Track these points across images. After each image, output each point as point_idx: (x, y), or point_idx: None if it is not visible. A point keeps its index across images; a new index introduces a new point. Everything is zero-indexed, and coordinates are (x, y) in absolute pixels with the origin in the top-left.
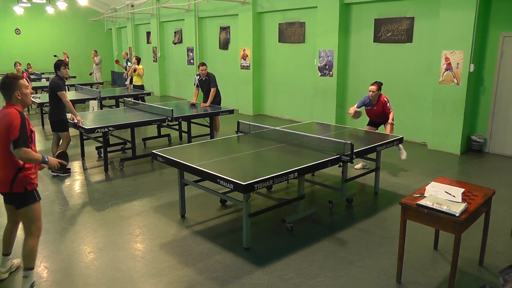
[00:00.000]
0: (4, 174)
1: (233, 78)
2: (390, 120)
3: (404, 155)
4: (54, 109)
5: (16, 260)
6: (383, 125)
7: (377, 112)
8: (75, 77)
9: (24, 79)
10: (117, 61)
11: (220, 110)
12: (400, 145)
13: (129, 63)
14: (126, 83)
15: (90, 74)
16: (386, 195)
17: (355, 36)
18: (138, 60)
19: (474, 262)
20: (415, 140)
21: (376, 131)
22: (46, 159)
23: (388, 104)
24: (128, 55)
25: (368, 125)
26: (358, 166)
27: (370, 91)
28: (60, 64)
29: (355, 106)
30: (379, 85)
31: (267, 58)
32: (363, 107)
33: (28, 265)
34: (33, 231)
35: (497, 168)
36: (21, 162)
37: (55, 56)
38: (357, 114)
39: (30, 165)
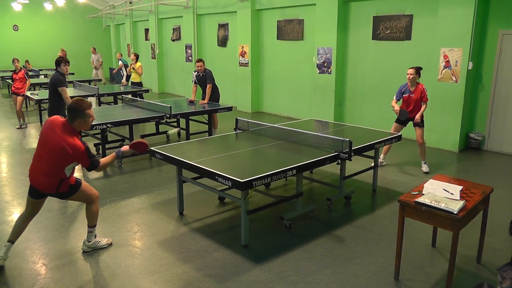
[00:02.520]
0: (50, 180)
1: (232, 75)
2: (417, 116)
3: (425, 168)
4: (54, 106)
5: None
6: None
7: (415, 99)
8: (73, 73)
9: (91, 109)
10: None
11: (219, 107)
12: (425, 164)
13: (120, 61)
14: (122, 80)
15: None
16: (385, 192)
17: (354, 33)
18: (137, 57)
19: (472, 259)
20: (414, 138)
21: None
22: (120, 154)
23: (426, 92)
24: (122, 54)
25: (396, 122)
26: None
27: (408, 74)
28: (61, 61)
29: (394, 99)
30: (417, 69)
31: (266, 55)
32: (401, 97)
33: (92, 224)
34: (92, 200)
35: (495, 165)
36: (67, 176)
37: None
38: (403, 114)
39: (72, 173)
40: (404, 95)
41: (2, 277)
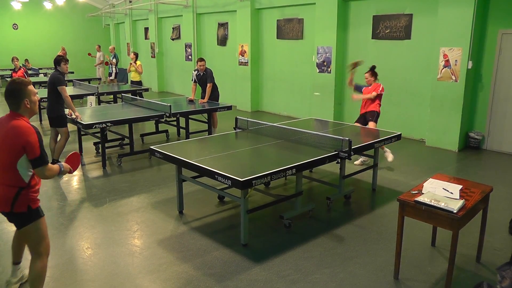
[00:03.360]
0: (5, 193)
1: (231, 74)
2: (359, 96)
3: (390, 157)
4: (53, 104)
5: (27, 270)
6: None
7: (368, 90)
8: (73, 72)
9: (32, 86)
10: (106, 63)
11: (218, 106)
12: (386, 148)
13: (114, 59)
14: (110, 78)
15: (89, 54)
16: (384, 191)
17: (354, 32)
18: (136, 56)
19: (471, 259)
20: (413, 137)
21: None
22: (62, 168)
23: (379, 87)
24: (115, 47)
25: (356, 121)
26: (358, 162)
27: (365, 78)
28: (61, 60)
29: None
30: (371, 69)
31: (265, 55)
32: (362, 88)
33: None
34: (41, 251)
35: (494, 165)
36: (26, 181)
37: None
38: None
39: (35, 182)
40: (365, 87)
41: (2, 276)
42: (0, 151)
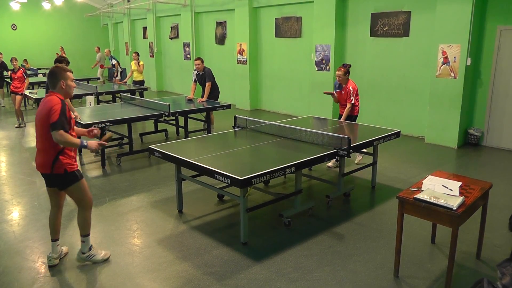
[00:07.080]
0: (45, 157)
1: (230, 73)
2: (342, 118)
3: (358, 159)
4: None
5: (64, 247)
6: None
7: (342, 97)
8: (71, 71)
9: (70, 73)
10: (102, 66)
11: (217, 105)
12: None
13: (114, 60)
14: (117, 78)
15: (93, 67)
16: (384, 189)
17: (352, 30)
18: (138, 55)
19: (471, 255)
20: (412, 134)
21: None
22: (85, 144)
23: (351, 93)
24: (110, 51)
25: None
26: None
27: (336, 76)
28: (62, 61)
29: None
30: (346, 67)
31: (264, 53)
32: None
33: (84, 233)
34: (84, 205)
35: (494, 161)
36: (61, 146)
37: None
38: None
39: (69, 149)
40: (337, 90)
41: (2, 276)
42: (40, 121)
